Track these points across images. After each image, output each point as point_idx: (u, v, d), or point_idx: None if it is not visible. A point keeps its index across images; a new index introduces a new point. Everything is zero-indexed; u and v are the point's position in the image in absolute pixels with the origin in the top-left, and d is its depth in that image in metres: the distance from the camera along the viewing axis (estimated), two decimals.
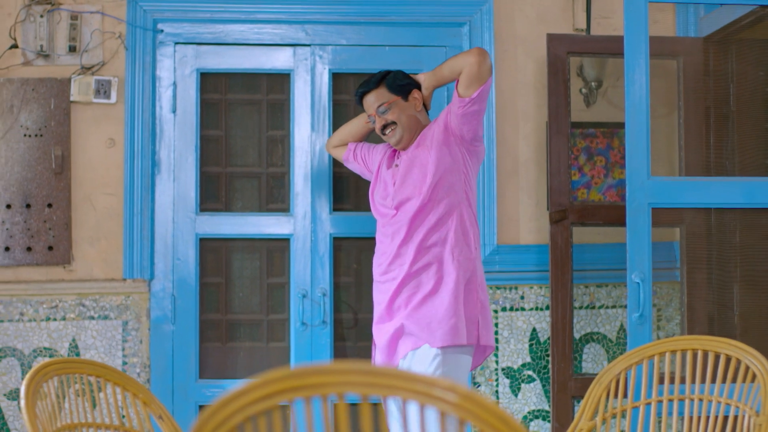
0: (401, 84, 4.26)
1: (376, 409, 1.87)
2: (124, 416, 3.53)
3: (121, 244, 5.29)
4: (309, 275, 5.34)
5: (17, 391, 5.23)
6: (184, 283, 5.30)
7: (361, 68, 5.43)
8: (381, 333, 4.26)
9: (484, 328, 4.12)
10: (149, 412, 3.49)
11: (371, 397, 1.83)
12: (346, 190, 5.47)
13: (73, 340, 5.25)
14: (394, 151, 4.40)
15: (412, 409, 1.80)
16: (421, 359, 4.03)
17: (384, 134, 4.26)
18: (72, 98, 5.29)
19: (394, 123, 4.22)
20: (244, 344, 5.41)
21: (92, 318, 5.24)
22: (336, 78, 5.44)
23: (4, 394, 5.24)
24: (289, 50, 5.44)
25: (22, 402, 2.95)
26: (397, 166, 4.28)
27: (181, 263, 5.31)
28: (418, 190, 4.15)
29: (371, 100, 4.28)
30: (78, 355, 5.21)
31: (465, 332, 4.04)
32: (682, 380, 3.84)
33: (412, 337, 4.09)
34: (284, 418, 1.88)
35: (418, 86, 4.31)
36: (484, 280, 4.21)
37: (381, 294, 4.30)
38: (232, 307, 5.41)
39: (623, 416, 4.82)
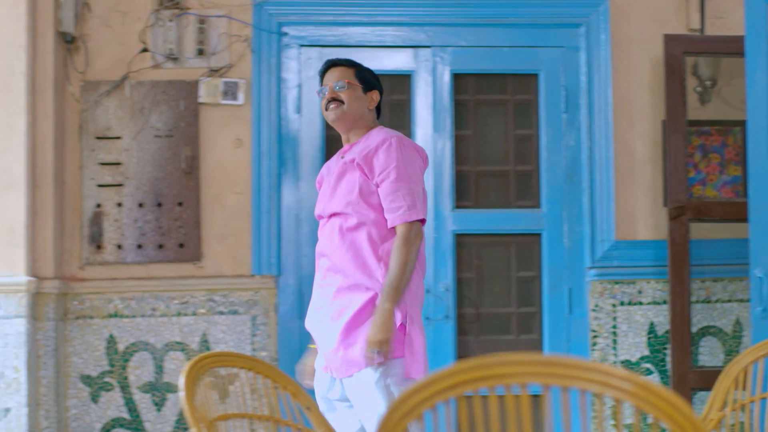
0: (367, 79, 4.38)
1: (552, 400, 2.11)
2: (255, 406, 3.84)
3: (249, 242, 5.70)
4: (432, 271, 5.72)
5: (150, 384, 5.65)
6: (310, 279, 5.66)
7: (481, 69, 5.84)
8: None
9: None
10: (297, 403, 3.85)
11: (552, 387, 2.00)
12: (467, 187, 5.87)
13: (204, 334, 5.66)
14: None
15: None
16: (360, 386, 4.04)
17: (326, 109, 4.32)
18: (200, 100, 5.71)
19: (342, 103, 4.28)
20: None
21: (222, 313, 5.65)
22: (456, 78, 5.84)
23: (138, 387, 5.66)
24: (409, 52, 5.84)
25: (182, 394, 3.30)
26: (333, 174, 4.31)
27: (308, 260, 5.71)
28: (341, 207, 4.21)
29: (336, 73, 4.34)
30: (208, 349, 5.62)
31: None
32: None
33: (352, 364, 4.09)
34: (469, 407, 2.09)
35: (380, 89, 4.42)
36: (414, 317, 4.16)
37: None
38: None
39: (749, 407, 5.16)
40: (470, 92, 5.89)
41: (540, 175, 5.86)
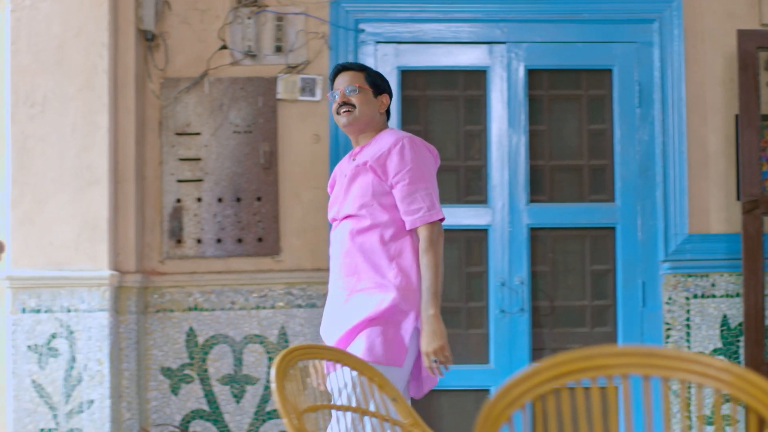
0: (377, 83, 4.52)
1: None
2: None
3: (326, 236, 5.83)
4: (507, 264, 5.89)
5: (229, 376, 5.83)
6: None
7: (555, 64, 6.00)
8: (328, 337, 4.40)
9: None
10: (384, 394, 3.99)
11: (652, 378, 2.09)
12: (542, 181, 6.03)
13: (282, 327, 5.83)
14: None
15: None
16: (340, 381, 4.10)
17: (338, 113, 4.46)
18: (278, 96, 5.88)
19: (353, 106, 4.42)
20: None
21: (300, 306, 5.82)
22: (531, 74, 6.00)
23: (217, 379, 5.84)
24: (485, 48, 6.01)
25: (273, 385, 3.43)
26: (345, 176, 4.47)
27: None
28: (354, 209, 4.35)
29: (346, 78, 4.48)
30: (287, 342, 5.79)
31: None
32: None
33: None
34: (572, 397, 2.14)
35: (390, 92, 4.57)
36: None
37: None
38: None
39: None
40: (545, 87, 6.05)
41: (614, 169, 6.01)
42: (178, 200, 5.87)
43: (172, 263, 5.88)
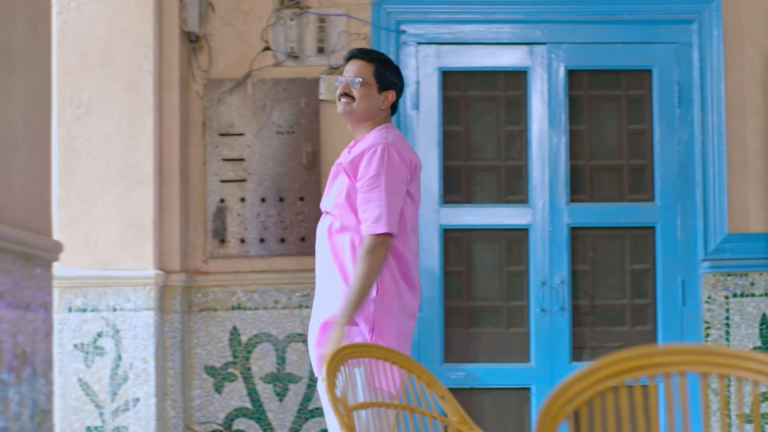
0: (386, 77, 4.53)
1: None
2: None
3: None
4: (547, 263, 5.97)
5: (272, 374, 5.90)
6: (428, 271, 5.95)
7: (595, 65, 6.09)
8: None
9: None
10: (432, 392, 4.06)
11: (710, 376, 2.16)
12: (582, 181, 6.10)
13: None
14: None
15: None
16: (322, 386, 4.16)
17: (339, 99, 4.51)
18: (321, 97, 5.96)
19: (353, 99, 4.46)
20: (485, 330, 6.05)
21: None
22: (571, 74, 6.07)
23: (260, 378, 5.92)
24: (525, 48, 6.08)
25: (324, 384, 3.53)
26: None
27: (426, 252, 5.95)
28: (330, 207, 4.45)
29: (355, 67, 4.52)
30: None
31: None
32: None
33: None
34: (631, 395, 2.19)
35: (398, 88, 4.57)
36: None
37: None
38: (474, 294, 6.05)
39: None
40: (585, 88, 6.13)
41: (653, 169, 6.08)
42: (222, 200, 5.95)
43: (216, 263, 5.96)
